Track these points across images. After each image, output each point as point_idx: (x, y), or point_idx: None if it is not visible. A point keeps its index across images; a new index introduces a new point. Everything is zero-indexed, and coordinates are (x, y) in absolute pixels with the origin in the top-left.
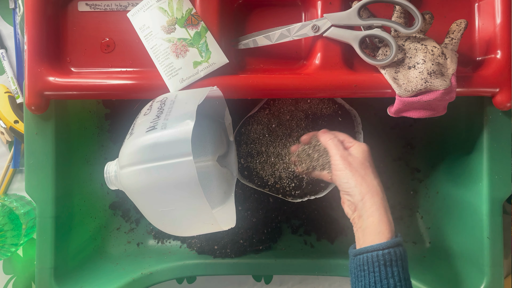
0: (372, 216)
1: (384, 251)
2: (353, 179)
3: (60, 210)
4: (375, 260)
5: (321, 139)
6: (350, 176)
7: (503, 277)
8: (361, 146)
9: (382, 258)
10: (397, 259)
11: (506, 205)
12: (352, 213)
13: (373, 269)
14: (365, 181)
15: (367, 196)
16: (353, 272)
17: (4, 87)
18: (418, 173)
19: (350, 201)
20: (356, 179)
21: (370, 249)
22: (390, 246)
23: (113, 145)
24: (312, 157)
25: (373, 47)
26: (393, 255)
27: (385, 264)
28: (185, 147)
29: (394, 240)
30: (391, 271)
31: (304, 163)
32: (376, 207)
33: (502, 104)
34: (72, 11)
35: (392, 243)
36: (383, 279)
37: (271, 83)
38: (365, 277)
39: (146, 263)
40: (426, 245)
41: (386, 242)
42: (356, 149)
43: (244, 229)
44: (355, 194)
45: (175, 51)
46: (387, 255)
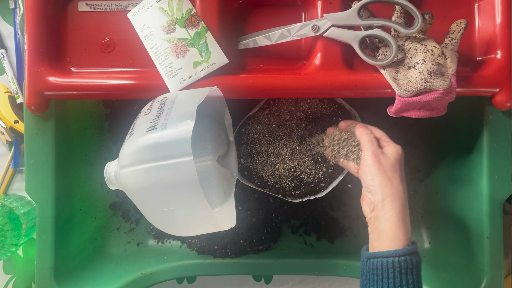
0: (390, 220)
1: (401, 258)
2: (379, 178)
3: (60, 210)
4: (390, 267)
5: (357, 132)
6: (376, 174)
7: (503, 277)
8: (396, 148)
9: (398, 266)
10: (413, 267)
11: (506, 205)
12: (370, 212)
13: (387, 275)
14: (391, 183)
15: (389, 199)
16: (364, 274)
17: (4, 87)
18: (418, 173)
19: (370, 200)
20: (382, 179)
21: (386, 254)
22: (406, 253)
23: (113, 145)
24: (344, 146)
25: (373, 47)
26: (409, 263)
27: (400, 272)
28: (185, 147)
29: (410, 248)
30: (406, 279)
31: (335, 149)
32: (396, 212)
33: (502, 104)
34: (72, 11)
35: (409, 250)
36: (398, 286)
37: (271, 83)
38: (378, 282)
39: (146, 263)
40: (426, 245)
41: (403, 249)
42: (390, 149)
43: (244, 229)
44: (377, 193)
45: (175, 51)
46: (403, 262)
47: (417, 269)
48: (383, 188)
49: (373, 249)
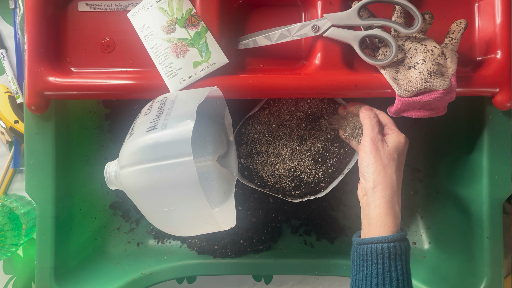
0: (379, 207)
1: (390, 244)
2: (374, 165)
3: (60, 210)
4: (379, 252)
5: (361, 115)
6: (372, 161)
7: (503, 277)
8: (398, 137)
9: (387, 251)
10: (401, 253)
11: (506, 205)
12: (362, 197)
13: (377, 260)
14: (385, 171)
15: (380, 187)
16: (355, 260)
17: (4, 87)
18: (418, 173)
19: (363, 185)
20: (377, 166)
21: (375, 240)
22: (395, 239)
23: (113, 145)
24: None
25: (373, 47)
26: (398, 249)
27: (389, 257)
28: (185, 147)
29: (399, 234)
30: (395, 265)
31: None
32: (386, 199)
33: (502, 104)
34: (72, 11)
35: (398, 237)
36: (386, 271)
37: (271, 83)
38: (367, 267)
39: (146, 263)
40: (426, 245)
41: (392, 236)
42: (392, 137)
43: (244, 229)
44: (370, 180)
45: (175, 51)
46: (392, 248)
47: (405, 255)
48: (376, 175)
49: (364, 235)
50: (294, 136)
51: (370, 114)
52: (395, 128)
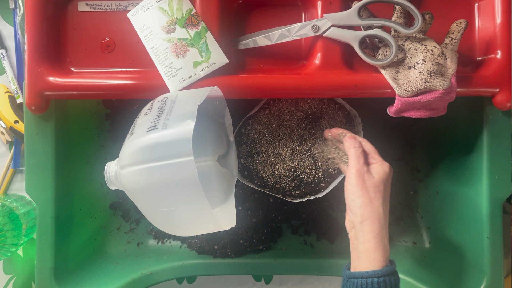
0: (368, 242)
1: (380, 279)
2: (361, 199)
3: (60, 210)
4: (369, 287)
5: (345, 145)
6: (359, 195)
7: (503, 277)
8: (382, 167)
9: (377, 286)
10: (391, 286)
11: (506, 205)
12: (350, 229)
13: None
14: (372, 205)
15: (368, 222)
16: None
17: (4, 87)
18: (418, 173)
19: (351, 219)
20: (363, 200)
21: (365, 275)
22: (385, 274)
23: (113, 145)
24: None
25: (373, 47)
26: (388, 283)
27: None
28: (186, 147)
29: (388, 268)
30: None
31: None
32: (374, 234)
33: (502, 104)
34: (72, 11)
35: (387, 271)
36: None
37: (271, 83)
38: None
39: (146, 263)
40: (426, 245)
41: (382, 270)
42: (377, 168)
43: (244, 229)
44: (357, 215)
45: (175, 51)
46: (382, 283)
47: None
48: (363, 210)
49: (354, 268)
50: (294, 136)
51: (354, 144)
52: (378, 158)
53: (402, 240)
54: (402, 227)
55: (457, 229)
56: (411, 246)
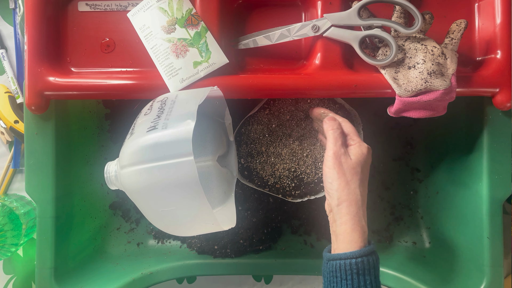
0: (345, 224)
1: (358, 260)
2: (337, 182)
3: (60, 210)
4: (347, 268)
5: (324, 126)
6: (335, 177)
7: (503, 277)
8: (360, 148)
9: (355, 267)
10: (370, 267)
11: (506, 205)
12: (329, 213)
13: (346, 276)
14: (349, 187)
15: (345, 204)
16: (326, 276)
17: (4, 87)
18: (418, 173)
19: (328, 202)
20: (340, 183)
21: (343, 256)
22: (363, 254)
23: (113, 145)
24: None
25: (373, 47)
26: (366, 263)
27: (357, 273)
28: (186, 147)
29: (367, 249)
30: (363, 280)
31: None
32: (351, 216)
33: (502, 104)
34: (72, 11)
35: (365, 251)
36: (356, 287)
37: (271, 83)
38: (337, 284)
39: (146, 263)
40: (426, 245)
41: (359, 251)
42: (354, 149)
43: (244, 229)
44: (334, 198)
45: (175, 51)
46: (360, 263)
47: (374, 269)
48: (340, 192)
49: (334, 250)
50: (294, 136)
51: (333, 125)
52: (357, 139)
53: (402, 240)
54: (402, 227)
55: (457, 229)
56: (411, 246)
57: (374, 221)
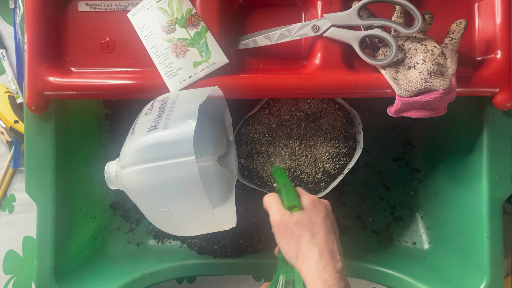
0: (308, 284)
1: None
2: (291, 248)
3: (60, 210)
4: None
5: (264, 201)
6: (286, 244)
7: (503, 277)
8: (307, 201)
9: None
10: None
11: (506, 205)
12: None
13: None
14: (300, 246)
15: (304, 264)
16: None
17: (4, 87)
18: (418, 173)
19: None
20: (293, 247)
21: None
22: None
23: (113, 145)
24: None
25: (373, 47)
26: None
27: None
28: (187, 146)
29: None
30: None
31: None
32: (310, 273)
33: (502, 104)
34: (72, 11)
35: None
36: None
37: (271, 83)
38: None
39: (146, 263)
40: (426, 245)
41: None
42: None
43: (244, 229)
44: (296, 265)
45: (175, 51)
46: None
47: None
48: (297, 257)
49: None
50: (294, 136)
51: (267, 195)
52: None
53: (402, 240)
54: (402, 227)
55: (457, 229)
56: (411, 246)
57: (374, 221)
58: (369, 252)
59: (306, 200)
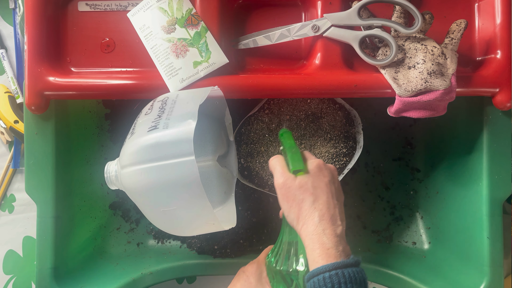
0: (307, 247)
1: (314, 279)
2: (292, 211)
3: (60, 210)
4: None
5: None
6: (288, 207)
7: (503, 277)
8: (312, 164)
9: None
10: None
11: (506, 205)
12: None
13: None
14: (301, 210)
15: (303, 227)
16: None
17: (4, 87)
18: (418, 173)
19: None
20: (294, 211)
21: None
22: (316, 273)
23: (113, 145)
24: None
25: (373, 47)
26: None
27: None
28: (187, 146)
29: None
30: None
31: None
32: (308, 236)
33: (502, 104)
34: (72, 11)
35: (321, 269)
36: None
37: (271, 83)
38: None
39: (146, 263)
40: (426, 245)
41: (314, 270)
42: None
43: (244, 229)
44: (297, 228)
45: (175, 51)
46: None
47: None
48: (298, 220)
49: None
50: (294, 136)
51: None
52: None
53: (402, 240)
54: (402, 227)
55: (457, 229)
56: (411, 246)
57: (374, 221)
58: (369, 252)
59: (311, 164)
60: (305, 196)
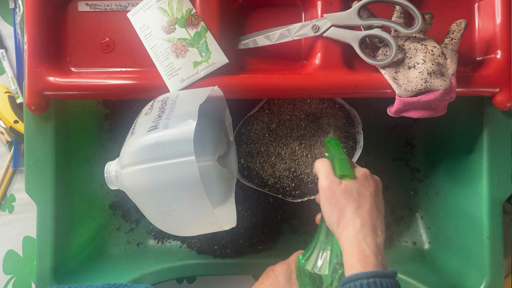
0: (344, 250)
1: (350, 284)
2: (333, 214)
3: (60, 210)
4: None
5: (315, 165)
6: (330, 210)
7: (503, 277)
8: (359, 172)
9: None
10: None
11: (506, 205)
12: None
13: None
14: (343, 214)
15: (344, 232)
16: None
17: (4, 87)
18: (418, 173)
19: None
20: (336, 214)
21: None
22: (354, 279)
23: (113, 145)
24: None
25: (373, 47)
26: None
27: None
28: (187, 146)
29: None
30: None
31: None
32: (348, 241)
33: (502, 104)
34: (72, 11)
35: (360, 276)
36: None
37: (271, 83)
38: None
39: (146, 263)
40: (426, 245)
41: (352, 276)
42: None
43: (244, 229)
44: (333, 228)
45: (175, 51)
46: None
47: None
48: (338, 223)
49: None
50: (294, 136)
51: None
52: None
53: (402, 240)
54: (402, 227)
55: (457, 229)
56: (411, 246)
57: None
58: None
59: (358, 172)
60: (349, 201)
